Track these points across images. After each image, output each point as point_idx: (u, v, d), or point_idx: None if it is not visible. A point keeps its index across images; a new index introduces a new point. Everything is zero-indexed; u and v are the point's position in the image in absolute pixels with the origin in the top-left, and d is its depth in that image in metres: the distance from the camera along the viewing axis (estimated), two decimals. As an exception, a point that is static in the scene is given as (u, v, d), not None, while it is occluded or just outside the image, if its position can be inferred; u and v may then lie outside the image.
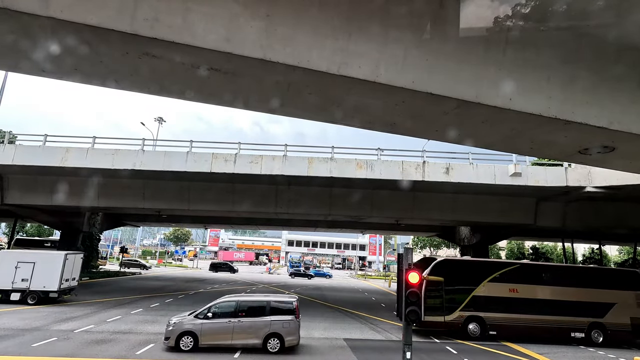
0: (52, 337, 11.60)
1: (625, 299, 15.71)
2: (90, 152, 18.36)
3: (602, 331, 15.26)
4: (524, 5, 6.13)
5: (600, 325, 15.33)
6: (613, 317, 15.39)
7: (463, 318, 14.93)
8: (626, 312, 15.49)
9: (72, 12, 4.84)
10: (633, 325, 15.39)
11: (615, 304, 15.51)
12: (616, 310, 15.46)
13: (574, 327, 15.23)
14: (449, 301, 14.98)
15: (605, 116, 6.73)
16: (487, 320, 14.92)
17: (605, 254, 50.39)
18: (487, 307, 15.04)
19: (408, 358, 6.51)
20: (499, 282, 15.42)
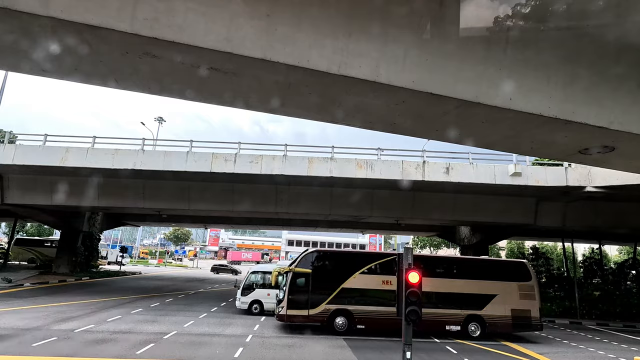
0: (53, 336, 11.61)
1: (508, 290, 15.27)
2: (90, 152, 18.37)
3: (480, 324, 14.81)
4: (524, 5, 6.14)
5: (478, 318, 14.85)
6: (493, 309, 14.92)
7: (329, 312, 14.27)
8: (508, 303, 15.02)
9: (72, 11, 4.84)
10: (513, 317, 14.94)
11: (496, 295, 15.05)
12: (497, 301, 14.98)
13: (449, 320, 14.72)
14: (316, 294, 14.34)
15: (606, 116, 6.74)
16: (355, 314, 14.29)
17: (605, 253, 50.43)
18: (357, 300, 14.44)
19: (408, 358, 6.51)
20: (372, 274, 14.77)
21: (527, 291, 15.32)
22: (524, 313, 15.04)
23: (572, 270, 30.95)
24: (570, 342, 15.42)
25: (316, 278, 14.54)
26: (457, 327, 14.73)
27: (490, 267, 16.86)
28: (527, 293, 15.29)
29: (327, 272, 15.05)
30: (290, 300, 14.14)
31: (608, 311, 22.20)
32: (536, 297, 15.31)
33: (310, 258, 15.02)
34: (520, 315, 15.00)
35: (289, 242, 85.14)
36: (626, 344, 15.79)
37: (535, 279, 15.76)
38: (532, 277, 15.67)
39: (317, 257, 15.39)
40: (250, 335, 13.19)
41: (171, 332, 12.99)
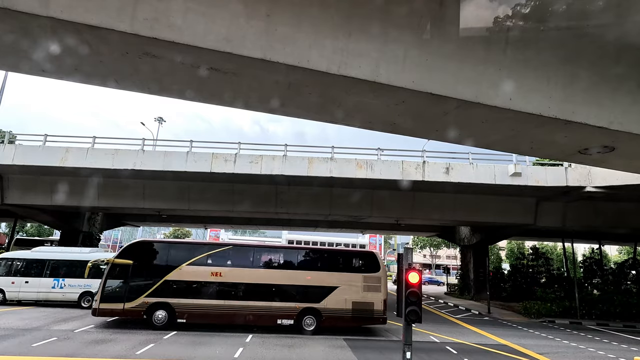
0: (52, 337, 11.61)
1: (351, 282, 14.54)
2: (90, 152, 18.37)
3: (316, 317, 14.10)
4: (524, 5, 6.14)
5: (314, 311, 14.13)
6: (332, 301, 14.23)
7: (147, 305, 13.44)
8: (349, 296, 14.34)
9: (72, 12, 4.84)
10: (354, 310, 14.25)
11: (337, 287, 14.37)
12: (338, 294, 14.31)
13: (282, 314, 13.99)
14: (135, 287, 13.57)
15: (605, 116, 6.74)
16: (176, 307, 13.54)
17: (605, 254, 50.44)
18: (180, 293, 13.66)
19: (408, 358, 6.52)
20: (200, 266, 14.04)
21: (372, 283, 14.58)
22: (367, 306, 14.34)
23: (572, 270, 30.96)
24: (570, 342, 15.41)
25: (138, 270, 13.74)
26: (289, 321, 13.96)
27: (334, 258, 15.98)
28: (373, 285, 14.55)
29: (151, 264, 14.14)
30: (105, 293, 13.32)
31: (608, 311, 22.19)
32: (382, 290, 14.58)
33: (134, 248, 14.26)
34: (361, 308, 14.28)
35: (289, 242, 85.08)
36: (626, 344, 15.79)
37: (383, 270, 15.04)
38: (381, 268, 14.96)
39: (142, 248, 14.64)
40: (250, 335, 13.19)
41: (171, 332, 12.99)
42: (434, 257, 73.41)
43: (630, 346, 15.46)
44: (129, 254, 13.93)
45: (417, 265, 7.02)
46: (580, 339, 16.52)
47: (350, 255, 16.29)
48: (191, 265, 14.00)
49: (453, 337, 15.13)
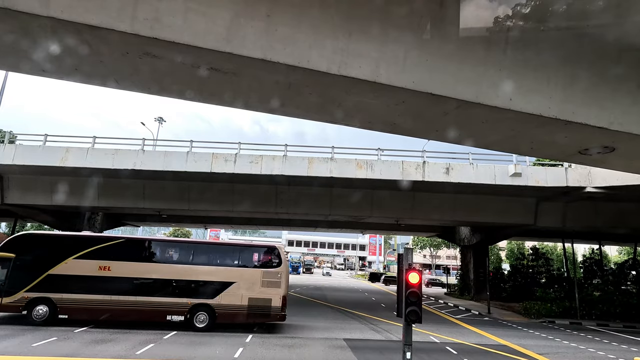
0: (52, 336, 11.61)
1: (249, 277, 14.08)
2: (91, 152, 18.38)
3: (209, 313, 13.66)
4: (524, 6, 6.14)
5: (206, 307, 13.69)
6: (228, 297, 13.76)
7: (27, 300, 12.93)
8: (246, 291, 13.84)
9: (72, 12, 4.84)
10: (250, 306, 13.75)
11: (233, 283, 13.90)
12: (234, 289, 13.82)
13: (172, 310, 13.49)
14: (15, 281, 12.99)
15: (606, 116, 6.74)
16: (58, 303, 13.00)
17: (605, 254, 50.43)
18: (64, 288, 13.11)
19: (408, 358, 6.51)
20: (88, 259, 13.45)
21: (272, 278, 14.11)
22: (264, 302, 13.88)
23: (572, 270, 30.95)
24: (570, 343, 15.41)
25: (20, 263, 13.21)
26: (180, 317, 13.51)
27: (232, 253, 15.37)
28: (273, 281, 14.09)
29: (35, 257, 13.53)
30: None
31: (608, 312, 22.18)
32: (282, 285, 14.14)
33: (17, 242, 13.65)
34: (258, 305, 13.82)
35: (289, 242, 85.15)
36: (626, 345, 15.78)
37: (285, 265, 14.58)
38: (283, 263, 14.48)
39: (26, 241, 14.01)
40: (250, 335, 13.18)
41: (171, 332, 12.99)
42: (434, 258, 73.43)
43: (631, 347, 15.45)
44: (10, 247, 13.39)
45: (417, 265, 7.02)
46: (580, 339, 16.52)
47: (249, 250, 15.40)
48: (78, 258, 13.47)
49: (453, 337, 15.13)
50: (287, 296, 14.40)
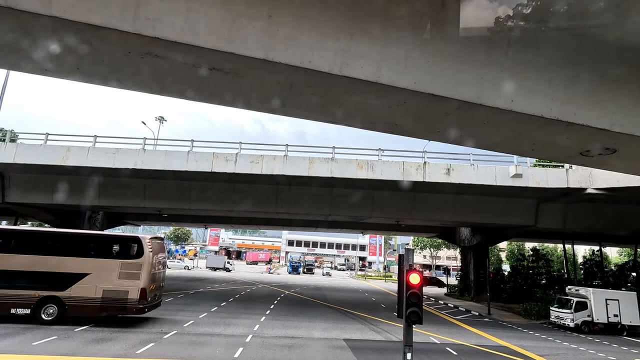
0: (53, 335, 11.62)
1: (105, 268, 13.41)
2: (92, 151, 18.39)
3: (59, 306, 13.03)
4: (525, 6, 6.13)
5: (56, 300, 13.04)
6: (80, 289, 13.09)
7: None
8: (102, 283, 13.18)
9: (74, 11, 4.84)
10: (104, 299, 13.11)
11: (88, 274, 13.23)
12: (88, 281, 13.15)
13: (17, 302, 12.80)
14: None
15: (607, 118, 6.72)
16: None
17: (606, 255, 50.36)
18: None
19: (408, 359, 6.51)
20: None
21: (132, 270, 13.48)
22: (120, 295, 13.27)
23: (572, 272, 30.93)
24: (571, 344, 15.40)
25: None
26: (25, 311, 12.87)
27: (88, 243, 14.59)
28: (132, 272, 13.46)
29: None
30: None
31: (608, 313, 22.11)
32: (141, 277, 13.44)
33: None
34: (113, 297, 13.21)
35: (289, 242, 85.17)
36: (626, 346, 15.77)
37: (147, 257, 13.79)
38: (145, 254, 13.75)
39: None
40: (250, 335, 13.19)
41: (171, 332, 13.00)
42: (434, 258, 73.39)
43: (631, 348, 15.44)
44: None
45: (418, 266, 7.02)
46: (581, 340, 16.51)
47: (108, 240, 14.62)
48: None
49: (453, 338, 15.13)
50: (147, 288, 13.59)
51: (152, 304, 14.31)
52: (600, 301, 19.39)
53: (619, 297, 19.92)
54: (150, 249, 13.95)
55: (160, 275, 15.20)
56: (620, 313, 19.30)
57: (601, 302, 19.38)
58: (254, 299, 23.63)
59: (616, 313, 19.31)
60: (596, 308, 19.21)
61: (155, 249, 14.44)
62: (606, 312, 19.26)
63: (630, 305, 19.61)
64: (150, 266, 13.82)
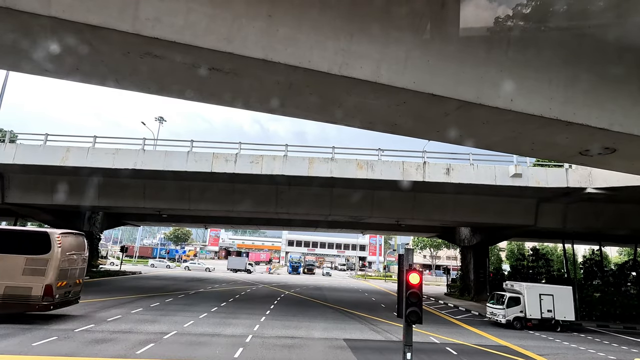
0: (53, 336, 11.61)
1: (8, 264, 12.87)
2: (91, 152, 18.39)
3: None
4: (525, 6, 6.13)
5: None
6: None
7: None
8: (4, 279, 12.68)
9: (73, 11, 4.84)
10: (5, 295, 12.61)
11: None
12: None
13: None
14: None
15: (607, 117, 6.73)
16: None
17: (606, 255, 50.34)
18: None
19: (408, 359, 6.51)
20: None
21: (38, 266, 12.98)
22: (23, 291, 12.80)
23: (572, 271, 30.91)
24: (571, 344, 15.40)
25: None
26: None
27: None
28: (37, 268, 12.96)
29: None
30: None
31: (608, 313, 22.18)
32: (47, 274, 12.95)
33: None
34: (15, 294, 12.72)
35: (289, 242, 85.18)
36: (626, 346, 15.77)
37: (55, 252, 13.27)
38: (53, 250, 13.24)
39: None
40: (250, 336, 13.19)
41: (171, 332, 12.99)
42: (434, 258, 73.41)
43: (631, 348, 15.44)
44: None
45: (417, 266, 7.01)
46: (581, 340, 16.52)
47: (14, 235, 14.13)
48: None
49: (453, 338, 15.13)
50: (52, 285, 13.06)
51: (62, 301, 13.70)
52: (533, 296, 19.04)
53: (554, 292, 19.53)
54: (59, 245, 13.39)
55: (75, 272, 14.47)
56: (554, 308, 18.92)
57: (534, 297, 19.02)
58: (254, 299, 23.64)
59: (550, 308, 18.90)
60: (529, 304, 18.86)
61: (67, 245, 13.86)
62: (540, 308, 18.88)
63: (565, 300, 19.21)
64: (59, 262, 13.25)
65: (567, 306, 19.17)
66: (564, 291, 19.77)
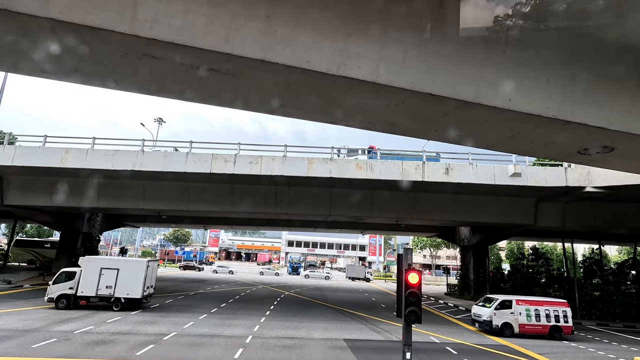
0: (52, 338, 11.59)
1: None
2: (90, 153, 18.35)
3: None
4: (524, 5, 6.14)
5: None
6: None
7: None
8: None
9: (71, 13, 4.84)
10: None
11: None
12: None
13: None
14: None
15: (605, 116, 6.74)
16: None
17: (605, 254, 50.40)
18: None
19: (408, 358, 6.51)
20: None
21: None
22: None
23: (572, 270, 30.95)
24: (570, 343, 15.41)
25: None
26: None
27: None
28: None
29: None
30: None
31: (608, 311, 22.19)
32: None
33: None
34: None
35: (288, 242, 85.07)
36: (626, 344, 15.78)
37: None
38: None
39: None
40: (250, 336, 13.18)
41: (171, 333, 12.98)
42: (434, 258, 73.40)
43: (630, 346, 15.45)
44: None
45: (417, 265, 7.01)
46: (580, 339, 16.52)
47: None
48: None
49: (453, 337, 15.13)
50: None
51: None
52: (92, 271, 16.68)
53: (120, 266, 17.15)
54: None
55: None
56: (117, 284, 16.53)
57: (94, 272, 16.67)
58: (254, 300, 23.62)
59: (110, 284, 16.52)
60: (85, 279, 16.44)
61: None
62: (97, 284, 16.51)
63: (132, 276, 16.92)
64: None
65: (133, 282, 16.96)
66: (134, 265, 17.90)
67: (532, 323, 16.10)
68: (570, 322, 16.18)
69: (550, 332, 15.93)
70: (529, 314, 16.24)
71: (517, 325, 16.06)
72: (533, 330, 16.01)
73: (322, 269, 67.77)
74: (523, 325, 16.02)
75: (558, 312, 16.33)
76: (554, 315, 16.24)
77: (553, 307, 16.50)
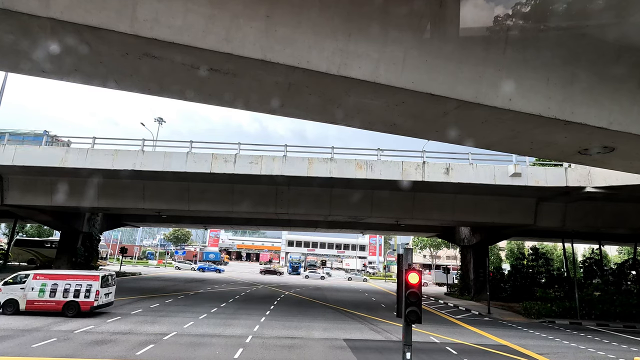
0: (52, 337, 11.59)
1: None
2: (90, 153, 18.37)
3: None
4: (524, 5, 6.14)
5: None
6: None
7: None
8: None
9: (72, 12, 4.84)
10: None
11: None
12: None
13: None
14: None
15: (605, 116, 6.74)
16: None
17: (605, 254, 50.43)
18: None
19: (408, 358, 6.51)
20: None
21: None
22: None
23: (572, 270, 30.95)
24: (570, 343, 15.41)
25: None
26: None
27: None
28: None
29: None
30: None
31: (608, 311, 22.18)
32: None
33: None
34: None
35: (289, 242, 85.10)
36: (626, 345, 15.78)
37: None
38: None
39: None
40: (250, 336, 13.18)
41: (171, 333, 12.98)
42: (434, 258, 73.40)
43: (631, 346, 15.45)
44: None
45: (417, 265, 7.01)
46: (580, 339, 16.51)
47: None
48: None
49: (453, 337, 15.13)
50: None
51: None
52: None
53: None
54: None
55: None
56: None
57: None
58: (254, 300, 23.62)
59: None
60: None
61: None
62: None
63: None
64: None
65: None
66: None
67: (45, 299, 14.31)
68: (92, 298, 14.34)
69: (63, 309, 14.31)
70: (43, 289, 14.35)
71: (24, 302, 14.26)
72: (44, 307, 14.28)
73: (322, 269, 67.70)
74: (32, 302, 14.24)
75: (81, 286, 14.47)
76: (74, 290, 14.43)
77: (77, 281, 14.62)
